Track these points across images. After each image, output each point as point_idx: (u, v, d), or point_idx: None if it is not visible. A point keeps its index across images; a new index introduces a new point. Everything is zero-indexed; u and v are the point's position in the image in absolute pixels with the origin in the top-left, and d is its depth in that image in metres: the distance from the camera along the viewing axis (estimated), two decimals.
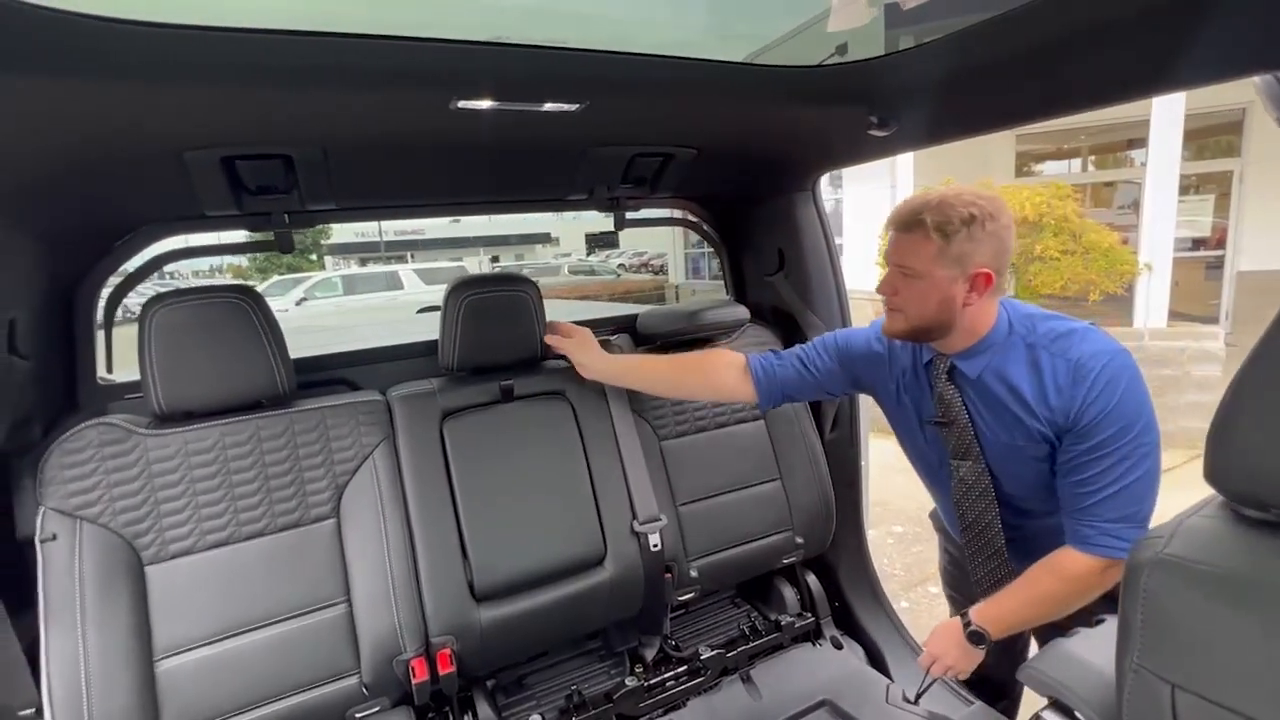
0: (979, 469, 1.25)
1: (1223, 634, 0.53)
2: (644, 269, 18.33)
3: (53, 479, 1.15)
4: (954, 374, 1.23)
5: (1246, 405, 0.58)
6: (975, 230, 1.09)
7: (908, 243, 1.14)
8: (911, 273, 1.14)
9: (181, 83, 0.86)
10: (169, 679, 1.18)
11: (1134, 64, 0.97)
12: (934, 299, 1.13)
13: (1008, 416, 1.17)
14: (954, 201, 1.10)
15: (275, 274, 14.95)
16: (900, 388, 1.35)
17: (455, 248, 23.47)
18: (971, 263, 1.10)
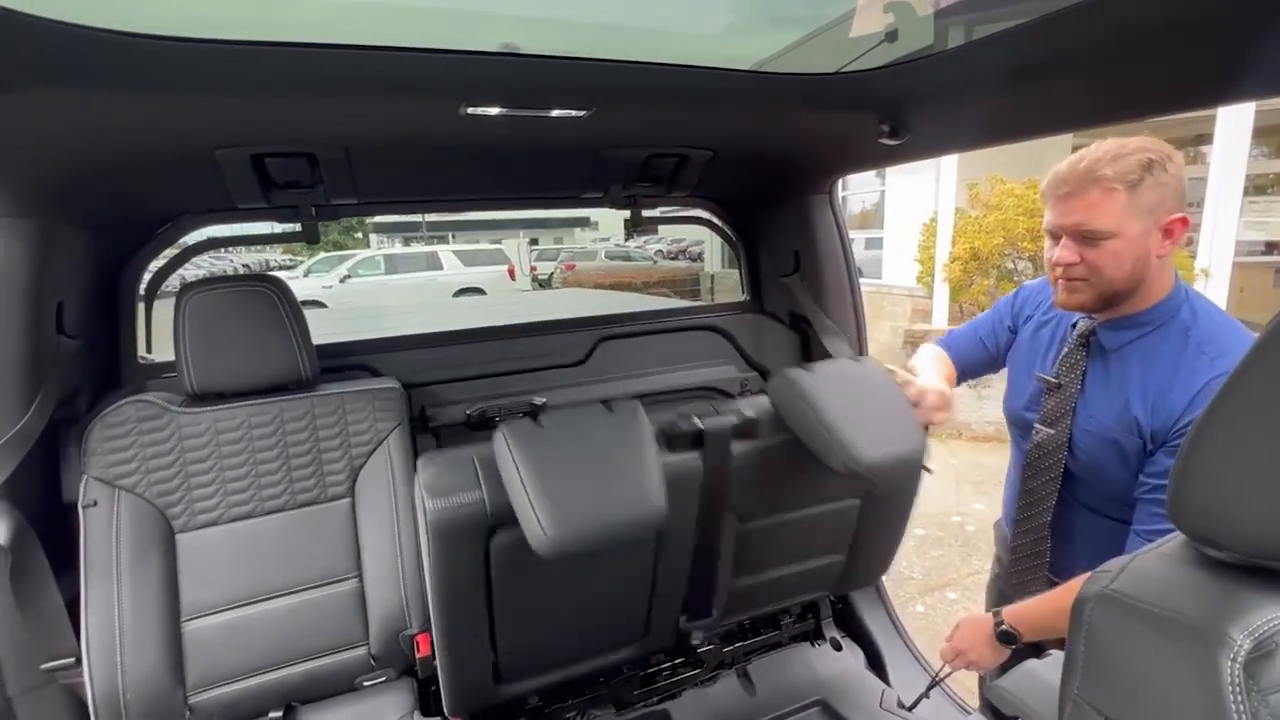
0: (1060, 439, 1.21)
1: (1158, 673, 0.54)
2: (681, 256, 18.25)
3: (95, 450, 1.24)
4: (1091, 340, 1.17)
5: (1209, 446, 0.58)
6: (1159, 174, 1.02)
7: (1088, 203, 1.05)
8: (1097, 235, 1.05)
9: (213, 91, 0.93)
10: (194, 639, 1.28)
11: (1163, 76, 0.94)
12: (1129, 257, 1.05)
13: (1115, 400, 1.13)
14: (1124, 151, 1.04)
15: (322, 251, 15.44)
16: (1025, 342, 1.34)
17: (495, 229, 23.77)
18: (1164, 209, 1.03)
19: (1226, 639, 0.50)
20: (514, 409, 1.78)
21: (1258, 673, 0.50)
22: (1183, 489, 0.59)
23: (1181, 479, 0.59)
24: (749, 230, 2.06)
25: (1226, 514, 0.55)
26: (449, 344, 1.78)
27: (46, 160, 1.06)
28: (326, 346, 1.58)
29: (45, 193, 1.14)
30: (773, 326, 2.01)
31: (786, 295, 1.92)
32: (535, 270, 16.21)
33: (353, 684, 1.38)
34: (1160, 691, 0.53)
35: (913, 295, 8.56)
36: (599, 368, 1.90)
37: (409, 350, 1.74)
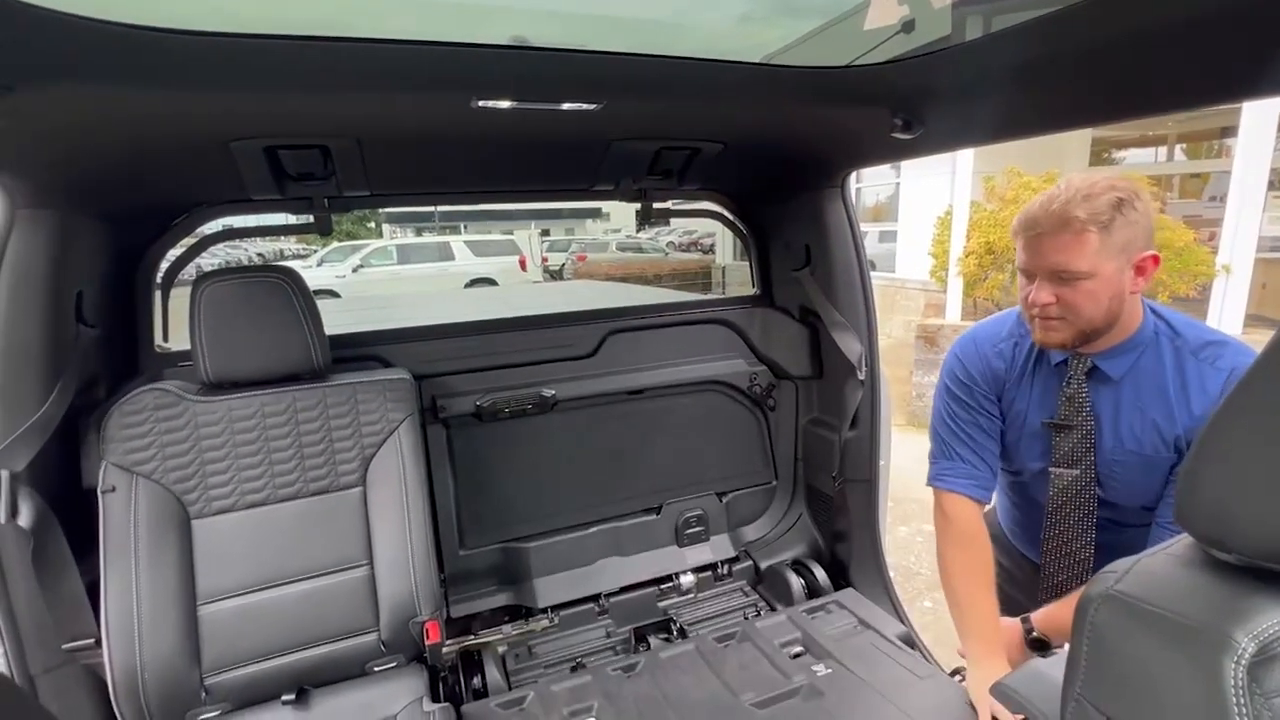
0: (1087, 478, 1.20)
1: (1160, 674, 0.54)
2: (693, 248, 18.19)
3: (113, 436, 1.27)
4: (1093, 375, 1.17)
5: (1218, 448, 0.57)
6: (1129, 213, 1.04)
7: (1062, 244, 1.06)
8: (1074, 275, 1.07)
9: (228, 85, 0.94)
10: (209, 623, 1.30)
11: (1186, 71, 0.92)
12: (1105, 296, 1.07)
13: (1144, 422, 1.13)
14: (1094, 191, 1.05)
15: (335, 240, 15.55)
16: (1018, 393, 1.31)
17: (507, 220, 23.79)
18: (1135, 248, 1.06)
19: (1230, 642, 0.50)
20: (523, 400, 1.79)
21: (1261, 676, 0.50)
22: (1191, 491, 0.58)
23: (1189, 481, 0.59)
24: (760, 223, 2.06)
25: (1234, 516, 0.54)
26: (459, 335, 1.80)
27: (66, 153, 1.08)
28: (339, 337, 1.60)
29: (65, 184, 1.16)
30: (782, 320, 2.01)
31: (796, 289, 1.92)
32: (547, 261, 16.23)
33: (363, 669, 1.40)
34: (1163, 693, 0.53)
35: (926, 289, 8.49)
36: (608, 360, 1.91)
37: (420, 341, 1.75)
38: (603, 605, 1.89)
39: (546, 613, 1.83)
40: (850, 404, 1.80)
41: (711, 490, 2.07)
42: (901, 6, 1.18)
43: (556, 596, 1.85)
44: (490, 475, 1.83)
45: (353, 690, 1.37)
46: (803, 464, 2.08)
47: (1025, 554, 1.44)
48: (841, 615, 1.71)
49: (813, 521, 2.08)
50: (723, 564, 2.04)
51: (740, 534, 2.09)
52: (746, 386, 2.05)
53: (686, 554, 2.00)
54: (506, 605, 1.84)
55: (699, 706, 1.42)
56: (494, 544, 1.85)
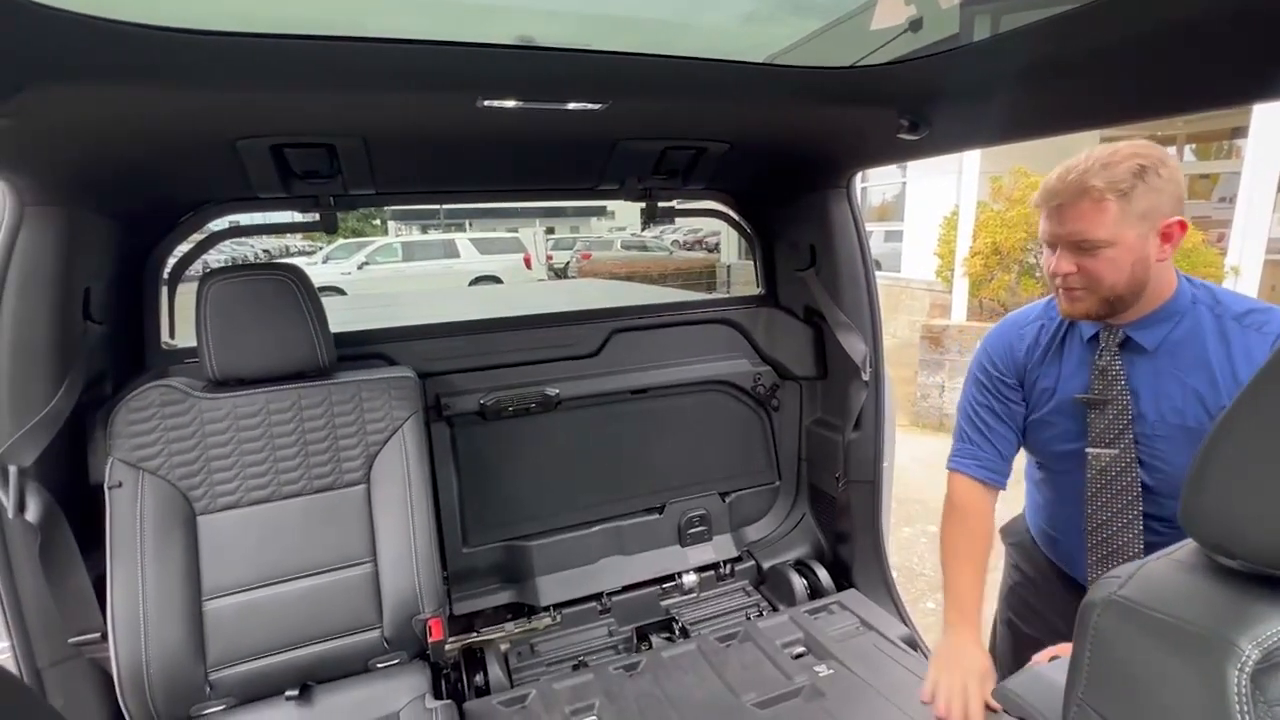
0: (1127, 458, 1.16)
1: (1163, 680, 0.54)
2: (698, 246, 18.18)
3: (120, 432, 1.28)
4: (1126, 346, 1.15)
5: (1224, 453, 0.57)
6: (1152, 179, 1.03)
7: (1080, 213, 1.06)
8: (1094, 244, 1.06)
9: (235, 84, 0.94)
10: (214, 618, 1.31)
11: (1201, 72, 0.91)
12: (1127, 263, 1.06)
13: (1185, 392, 1.10)
14: (1115, 158, 1.04)
15: (341, 237, 15.60)
16: (1043, 372, 1.28)
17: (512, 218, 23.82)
18: (1159, 214, 1.04)
19: (1234, 649, 0.50)
20: (527, 399, 1.80)
21: (1265, 684, 0.49)
22: (1197, 497, 0.58)
23: (1195, 487, 0.59)
24: (765, 223, 2.05)
25: (1241, 523, 0.54)
26: (464, 334, 1.80)
27: (74, 150, 1.08)
28: (344, 335, 1.61)
29: (73, 182, 1.17)
30: (786, 320, 2.01)
31: (801, 289, 1.92)
32: (551, 259, 16.24)
33: (366, 665, 1.41)
34: (1165, 699, 0.53)
35: (931, 289, 8.45)
36: (611, 359, 1.91)
37: (424, 340, 1.76)
38: (605, 604, 1.89)
39: (549, 611, 1.84)
40: (854, 405, 1.79)
41: (714, 490, 2.07)
42: (908, 7, 1.18)
43: (559, 595, 1.85)
44: (494, 473, 1.84)
45: (355, 686, 1.38)
46: (806, 464, 2.08)
47: (1055, 562, 1.37)
48: (844, 616, 1.71)
49: (816, 522, 2.08)
50: (725, 564, 2.04)
51: (743, 534, 2.09)
52: (750, 386, 2.04)
53: (689, 553, 2.01)
54: (509, 603, 1.84)
55: (700, 706, 1.42)
56: (497, 542, 1.85)
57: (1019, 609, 1.51)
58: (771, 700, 1.42)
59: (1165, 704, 0.53)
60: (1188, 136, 10.27)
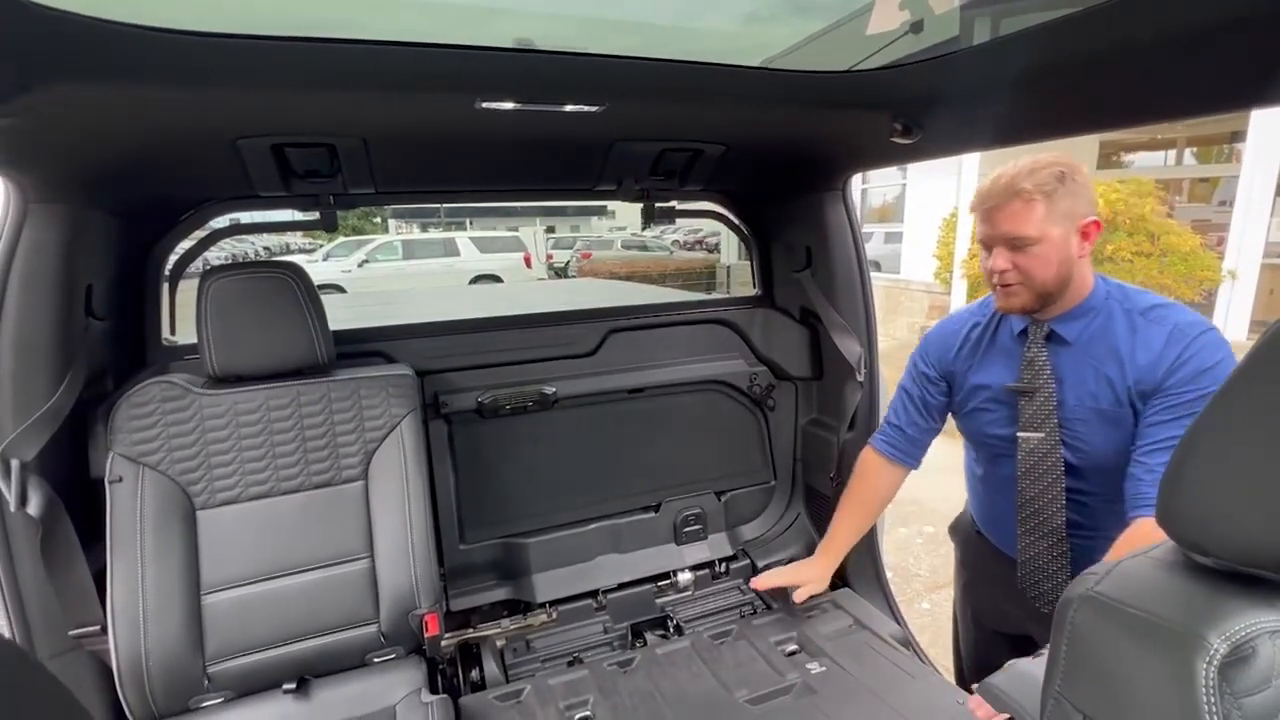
0: (1053, 440, 1.27)
1: (1136, 673, 0.55)
2: (698, 246, 18.19)
3: (121, 428, 1.29)
4: (1051, 339, 1.27)
5: (1201, 454, 0.59)
6: (1070, 184, 1.15)
7: (1012, 213, 1.17)
8: (1024, 241, 1.17)
9: (236, 84, 0.96)
10: (213, 612, 1.33)
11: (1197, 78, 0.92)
12: (1055, 259, 1.18)
13: (1099, 380, 1.22)
14: (1038, 165, 1.17)
15: (341, 235, 15.61)
16: (974, 365, 1.41)
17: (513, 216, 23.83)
18: (1078, 214, 1.17)
19: (1204, 643, 0.51)
20: (524, 398, 1.81)
21: (1233, 676, 0.51)
22: (1172, 495, 0.60)
23: (1172, 486, 0.60)
24: (761, 225, 2.07)
25: (1214, 521, 0.56)
26: (462, 332, 1.81)
27: (78, 149, 1.10)
28: (343, 333, 1.62)
29: (76, 180, 1.18)
30: (783, 321, 2.02)
31: (797, 290, 1.93)
32: (551, 258, 16.25)
33: (363, 660, 1.42)
34: (1137, 692, 0.55)
35: (930, 291, 8.47)
36: (609, 359, 1.93)
37: (422, 338, 1.77)
38: (601, 601, 1.91)
39: (545, 608, 1.85)
40: (849, 405, 1.81)
41: (710, 489, 2.09)
42: (903, 12, 1.19)
43: (555, 592, 1.87)
44: (491, 471, 1.85)
45: (352, 680, 1.39)
46: (801, 464, 2.10)
47: (1000, 549, 1.46)
48: (837, 615, 1.72)
49: (810, 521, 2.09)
50: (720, 562, 2.06)
51: (738, 533, 2.11)
52: (746, 386, 2.06)
53: (684, 552, 2.02)
54: (505, 600, 1.86)
55: (694, 702, 1.44)
56: (494, 539, 1.87)
57: (976, 605, 1.62)
58: (764, 697, 1.44)
59: (1138, 697, 0.55)
60: (1188, 140, 10.28)
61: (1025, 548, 1.36)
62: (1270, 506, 0.51)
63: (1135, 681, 0.55)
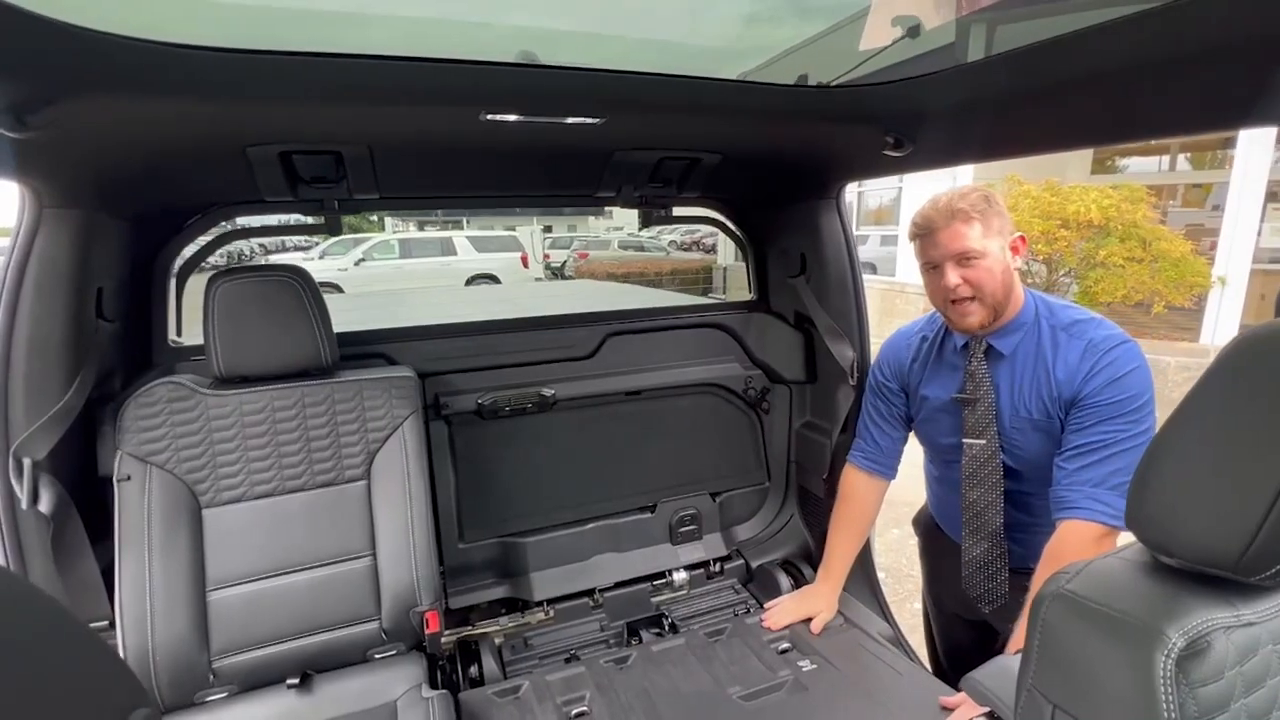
0: (993, 446, 1.36)
1: (1100, 665, 0.59)
2: (695, 247, 18.21)
3: (129, 427, 1.32)
4: (989, 353, 1.36)
5: (1166, 461, 0.63)
6: (994, 205, 1.28)
7: (956, 232, 1.26)
8: (971, 255, 1.26)
9: (248, 96, 0.99)
10: (218, 608, 1.35)
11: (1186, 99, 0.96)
12: (998, 271, 1.27)
13: (1031, 391, 1.31)
14: (965, 191, 1.28)
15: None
16: (924, 378, 1.50)
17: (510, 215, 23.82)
18: (1006, 231, 1.28)
19: (1163, 637, 0.55)
20: (524, 399, 1.84)
21: (1189, 668, 0.55)
22: (1140, 500, 0.64)
23: (1139, 491, 0.64)
24: (757, 231, 2.10)
25: (1177, 524, 0.60)
26: (463, 335, 1.85)
27: (94, 158, 1.13)
28: (346, 335, 1.65)
29: (91, 186, 1.21)
30: (777, 326, 2.06)
31: (792, 295, 1.97)
32: (549, 258, 16.26)
33: (365, 656, 1.45)
34: (1102, 682, 0.59)
35: (925, 294, 8.52)
36: (607, 361, 1.96)
37: (424, 340, 1.80)
38: (597, 600, 1.94)
39: (543, 606, 1.88)
40: (842, 408, 1.85)
41: (705, 490, 2.12)
42: (895, 29, 1.23)
43: (552, 590, 1.90)
44: (490, 471, 1.88)
45: (354, 676, 1.42)
46: (795, 466, 2.13)
47: (956, 542, 1.54)
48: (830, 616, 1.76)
49: (803, 522, 2.13)
50: (715, 562, 2.09)
51: (732, 533, 2.14)
52: (742, 390, 2.10)
53: (680, 552, 2.06)
54: (504, 598, 1.89)
55: (687, 699, 1.47)
56: (493, 538, 1.90)
57: (939, 591, 1.73)
58: (756, 694, 1.47)
59: (1102, 687, 0.58)
60: (1182, 145, 10.38)
61: (968, 549, 1.45)
62: (1224, 513, 0.55)
63: (1100, 672, 0.59)
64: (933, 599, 1.78)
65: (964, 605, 1.59)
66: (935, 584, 1.74)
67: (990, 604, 1.44)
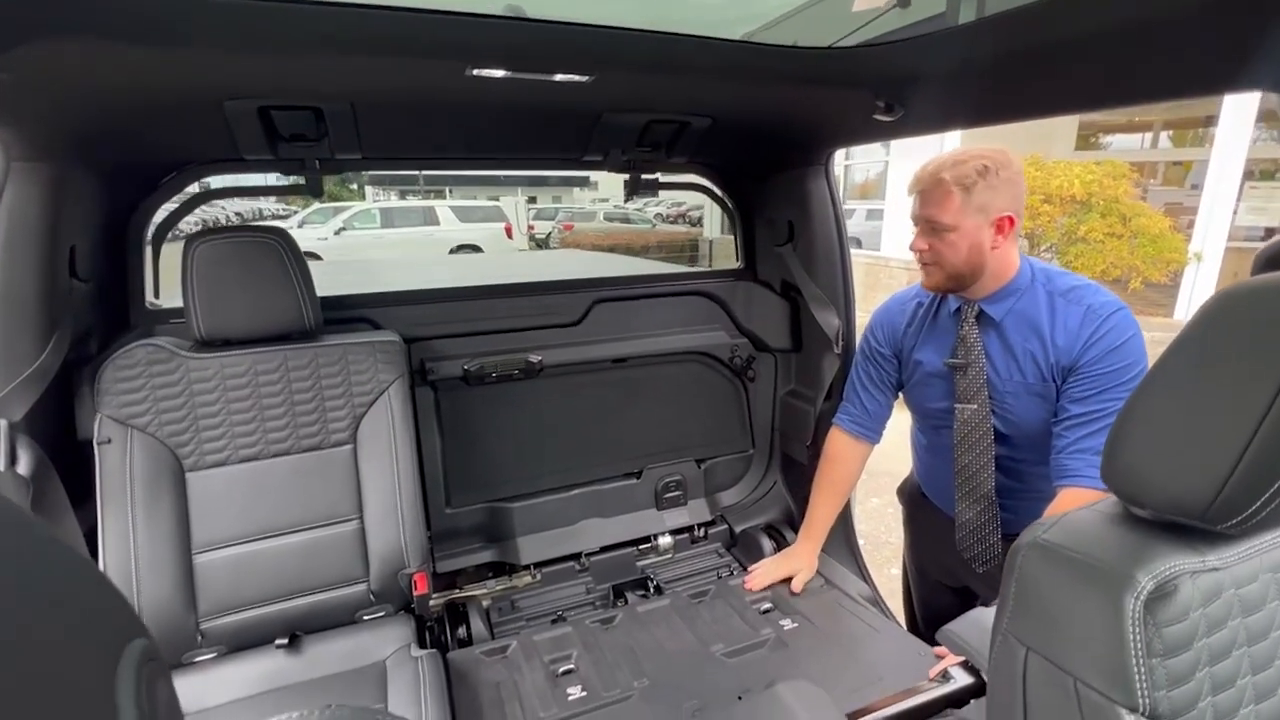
0: (984, 411, 1.37)
1: (1072, 609, 0.62)
2: (681, 220, 18.08)
3: (107, 390, 1.30)
4: (981, 318, 1.36)
5: (1139, 419, 0.64)
6: (992, 179, 1.23)
7: (932, 199, 1.27)
8: (940, 227, 1.27)
9: (223, 44, 0.95)
10: (205, 571, 1.35)
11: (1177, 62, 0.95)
12: (964, 247, 1.27)
13: (1025, 356, 1.31)
14: (966, 158, 1.24)
15: (317, 202, 15.22)
16: (918, 343, 1.50)
17: (493, 185, 23.42)
18: (993, 209, 1.24)
19: (1132, 580, 0.57)
20: (510, 365, 1.84)
21: (1156, 609, 0.57)
22: (1114, 455, 0.66)
23: (1114, 447, 0.66)
24: (745, 199, 2.09)
25: (1148, 477, 0.62)
26: (448, 300, 1.83)
27: (62, 107, 1.09)
28: (329, 299, 1.63)
29: (59, 138, 1.17)
30: (764, 294, 2.07)
31: (779, 264, 1.97)
32: (533, 229, 16.05)
33: (353, 617, 1.47)
34: (1074, 624, 0.61)
35: (909, 268, 8.57)
36: (594, 329, 1.96)
37: (409, 305, 1.78)
38: (583, 563, 1.97)
39: (529, 569, 1.91)
40: (826, 376, 1.87)
41: (691, 457, 2.15)
42: None
43: (539, 554, 1.92)
44: (477, 437, 1.88)
45: (343, 636, 1.43)
46: (779, 434, 2.16)
47: (942, 510, 1.57)
48: (810, 575, 1.81)
49: (786, 489, 2.17)
50: (699, 527, 2.13)
51: (717, 499, 2.18)
52: (728, 358, 2.11)
53: (665, 517, 2.09)
54: (491, 562, 1.91)
55: (672, 656, 1.51)
56: (480, 503, 1.91)
57: (921, 559, 1.77)
58: (739, 651, 1.51)
59: (1074, 629, 0.61)
60: (1164, 123, 10.45)
61: (961, 512, 1.47)
62: (1190, 466, 0.57)
63: (1073, 615, 0.61)
64: (916, 567, 1.81)
65: (947, 573, 1.64)
66: (919, 552, 1.78)
67: (984, 565, 1.47)
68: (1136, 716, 0.57)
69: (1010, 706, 0.67)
